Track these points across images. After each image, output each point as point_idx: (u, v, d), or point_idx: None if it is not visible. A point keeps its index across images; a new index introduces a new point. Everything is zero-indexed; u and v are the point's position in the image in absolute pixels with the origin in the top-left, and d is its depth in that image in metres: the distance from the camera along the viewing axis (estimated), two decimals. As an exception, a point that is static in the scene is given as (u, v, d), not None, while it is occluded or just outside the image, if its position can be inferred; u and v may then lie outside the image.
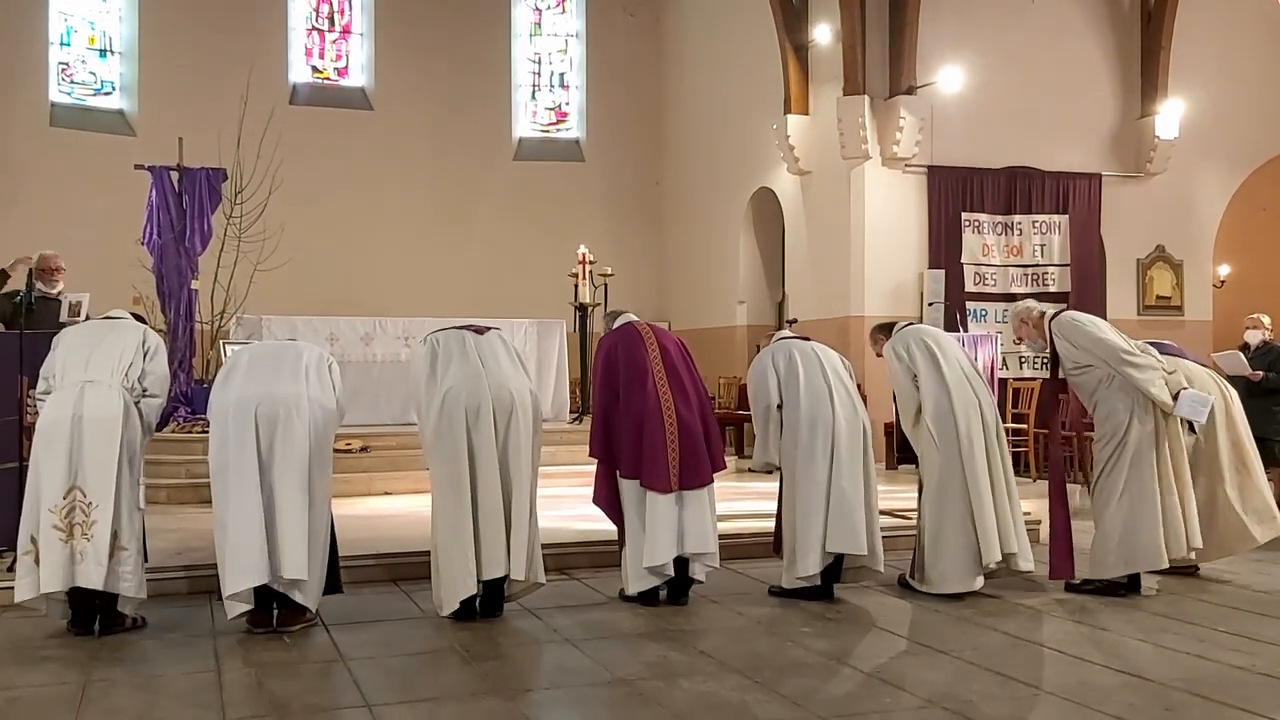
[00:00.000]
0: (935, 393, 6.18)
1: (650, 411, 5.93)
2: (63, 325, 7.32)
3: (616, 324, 6.31)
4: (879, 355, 6.68)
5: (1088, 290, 13.06)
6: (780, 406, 6.16)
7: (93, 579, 5.05)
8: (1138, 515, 6.08)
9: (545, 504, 6.26)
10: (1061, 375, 6.43)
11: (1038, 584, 6.42)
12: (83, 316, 7.52)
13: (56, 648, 5.03)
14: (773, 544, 6.42)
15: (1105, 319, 13.68)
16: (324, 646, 5.07)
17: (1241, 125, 13.68)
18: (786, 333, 6.96)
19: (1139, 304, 13.55)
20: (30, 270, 7.17)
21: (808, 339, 6.58)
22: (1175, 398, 6.10)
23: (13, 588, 5.53)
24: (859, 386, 12.83)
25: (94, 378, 5.28)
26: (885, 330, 6.72)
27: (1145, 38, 13.37)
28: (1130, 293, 13.53)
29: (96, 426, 5.17)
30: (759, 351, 6.60)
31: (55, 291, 7.81)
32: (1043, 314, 6.52)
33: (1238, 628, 5.44)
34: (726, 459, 11.97)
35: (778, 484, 6.29)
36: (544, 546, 5.85)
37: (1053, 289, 12.93)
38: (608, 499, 5.99)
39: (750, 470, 7.87)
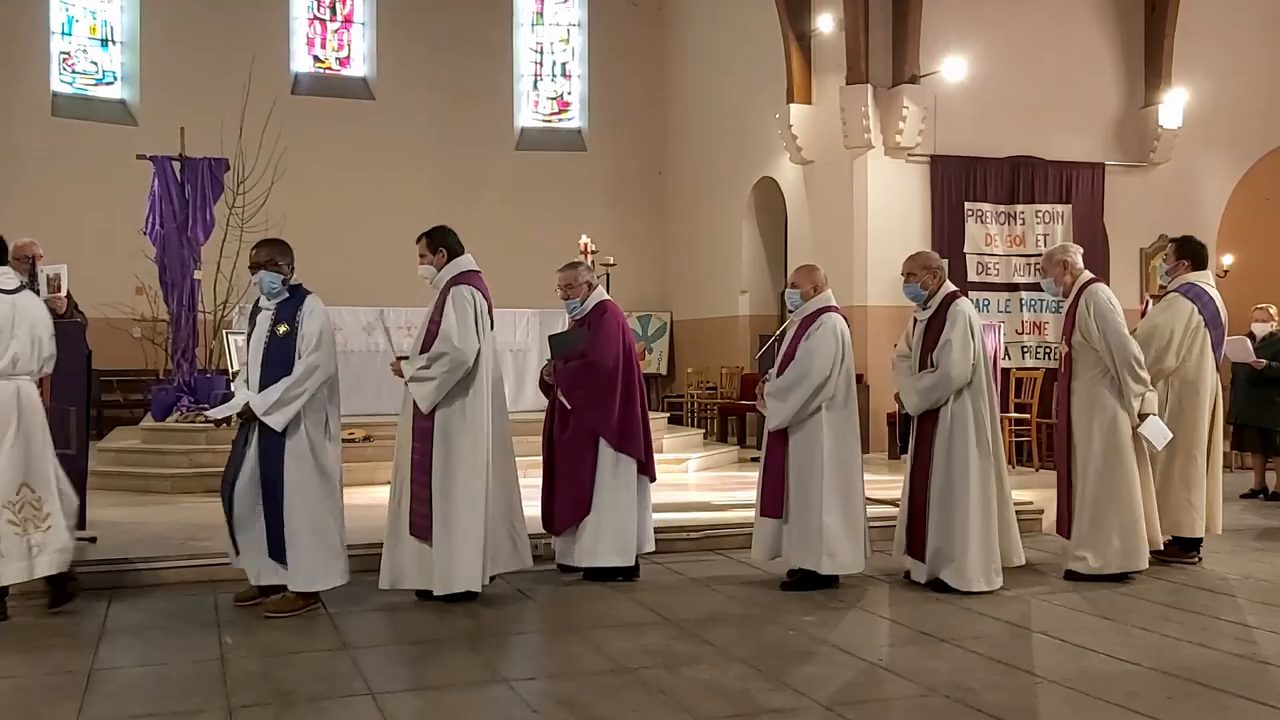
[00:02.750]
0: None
1: (642, 396, 6.32)
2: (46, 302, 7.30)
3: (598, 294, 6.47)
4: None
5: (1091, 280, 13.03)
6: None
7: (54, 565, 5.26)
8: (1136, 510, 6.18)
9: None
10: (1066, 345, 6.39)
11: (1040, 573, 6.42)
12: (63, 292, 7.42)
13: (61, 635, 5.04)
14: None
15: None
16: (328, 634, 5.09)
17: (1245, 115, 13.64)
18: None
19: (1142, 293, 13.52)
20: (33, 259, 7.11)
21: None
22: (1141, 417, 6.23)
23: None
24: (860, 376, 12.87)
25: (22, 369, 5.32)
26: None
27: (1149, 26, 13.33)
28: (1133, 282, 13.50)
29: (33, 422, 5.29)
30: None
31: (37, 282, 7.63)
32: (1079, 268, 6.43)
33: (1239, 617, 5.45)
34: (730, 448, 12.04)
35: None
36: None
37: (1055, 278, 12.89)
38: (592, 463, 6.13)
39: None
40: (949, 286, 6.04)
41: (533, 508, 6.15)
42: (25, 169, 14.52)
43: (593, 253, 12.77)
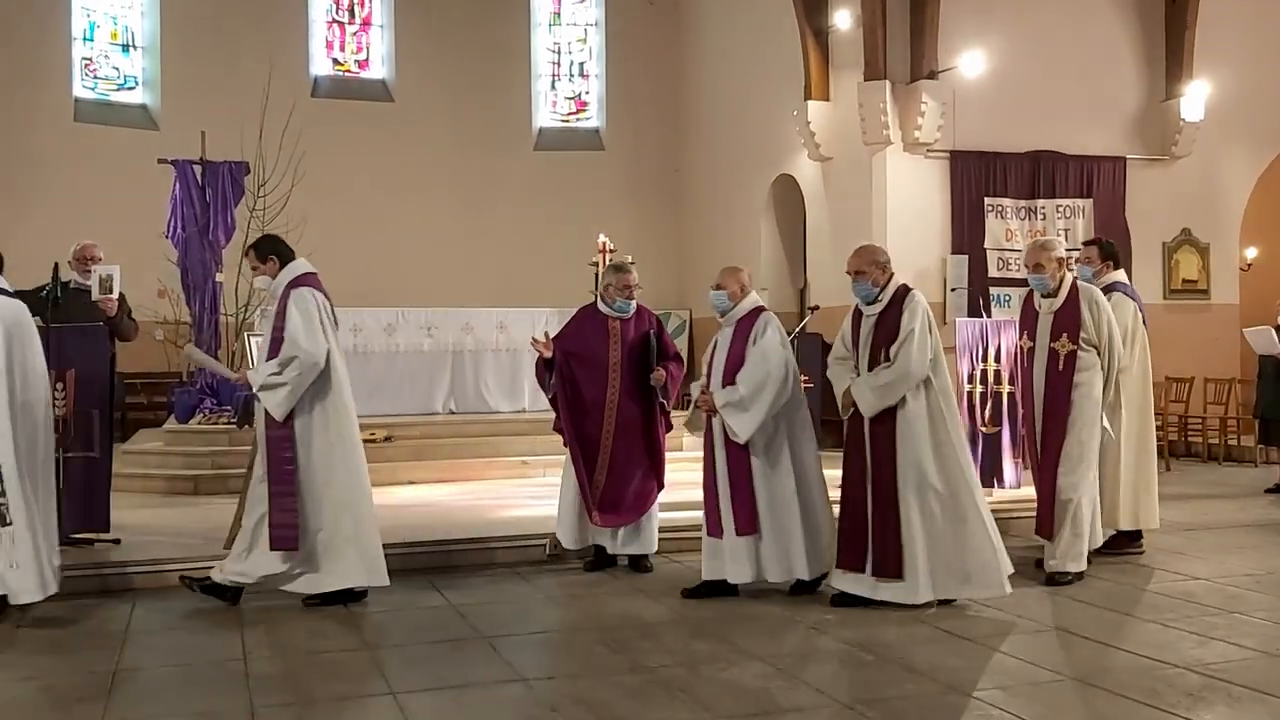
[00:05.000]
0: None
1: None
2: (95, 304, 7.36)
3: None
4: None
5: (1112, 274, 12.95)
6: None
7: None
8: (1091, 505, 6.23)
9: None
10: (1069, 343, 6.17)
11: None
12: (115, 293, 7.47)
13: (86, 637, 5.09)
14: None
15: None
16: (349, 634, 5.12)
17: (1268, 107, 13.50)
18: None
19: (1165, 288, 13.42)
20: (56, 264, 7.17)
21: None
22: None
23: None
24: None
25: None
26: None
27: (1170, 18, 13.21)
28: (1156, 276, 13.40)
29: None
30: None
31: (89, 283, 7.69)
32: (1065, 260, 6.35)
33: (1256, 612, 5.41)
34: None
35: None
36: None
37: (1075, 273, 12.81)
38: None
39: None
40: (898, 279, 5.72)
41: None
42: (48, 174, 14.64)
43: (611, 251, 12.77)
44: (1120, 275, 7.19)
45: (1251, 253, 15.22)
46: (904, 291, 5.60)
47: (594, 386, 6.36)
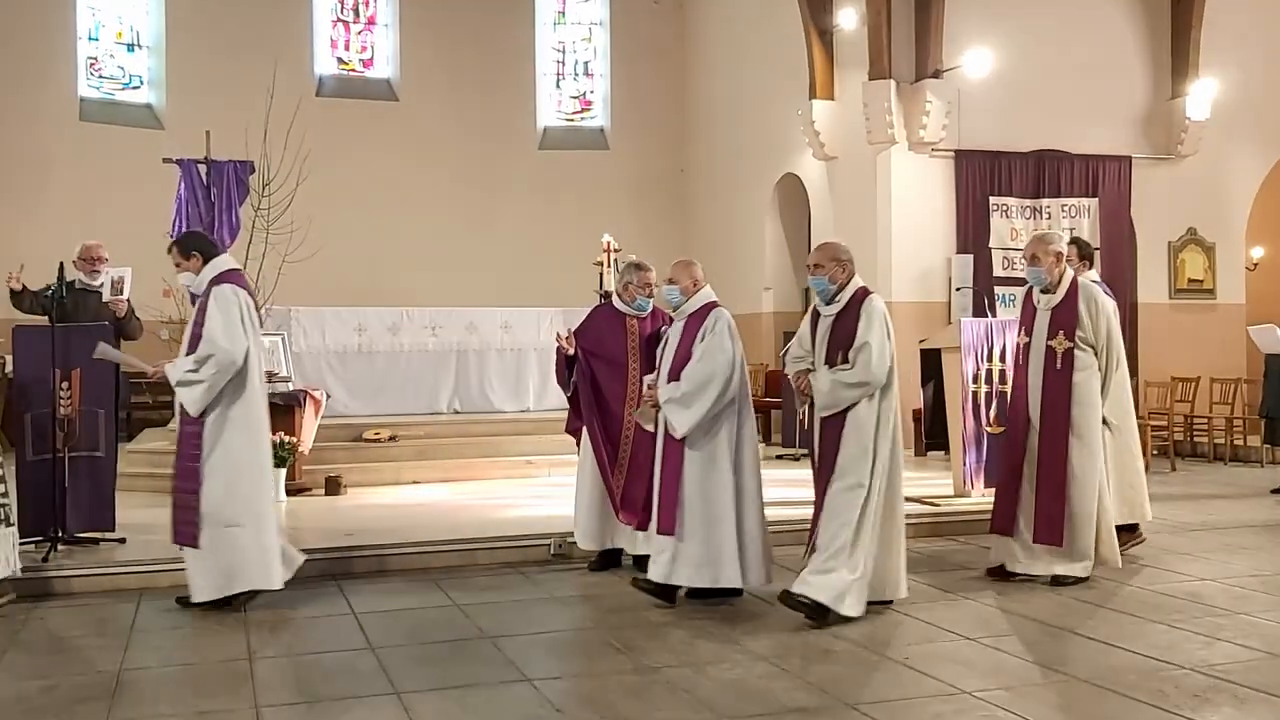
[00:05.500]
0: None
1: None
2: (105, 306, 7.38)
3: None
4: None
5: (1118, 274, 12.92)
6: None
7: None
8: (1108, 508, 6.20)
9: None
10: (1065, 341, 6.07)
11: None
12: (125, 294, 7.48)
13: (91, 636, 5.09)
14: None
15: (1137, 302, 13.66)
16: (353, 635, 5.12)
17: (1275, 106, 13.47)
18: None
19: (1170, 287, 13.41)
20: (61, 264, 7.18)
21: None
22: None
23: (48, 578, 5.62)
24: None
25: None
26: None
27: (1176, 17, 13.18)
28: (1162, 276, 13.38)
29: None
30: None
31: (98, 283, 7.62)
32: (1064, 256, 6.24)
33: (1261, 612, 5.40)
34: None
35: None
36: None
37: (1082, 272, 12.81)
38: None
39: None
40: (859, 281, 5.52)
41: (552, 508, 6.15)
42: (53, 173, 14.67)
43: (616, 251, 12.75)
44: (1094, 274, 7.20)
45: (1258, 252, 15.19)
46: (863, 295, 5.42)
47: (615, 384, 6.32)
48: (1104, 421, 6.16)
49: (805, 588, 5.15)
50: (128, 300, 7.45)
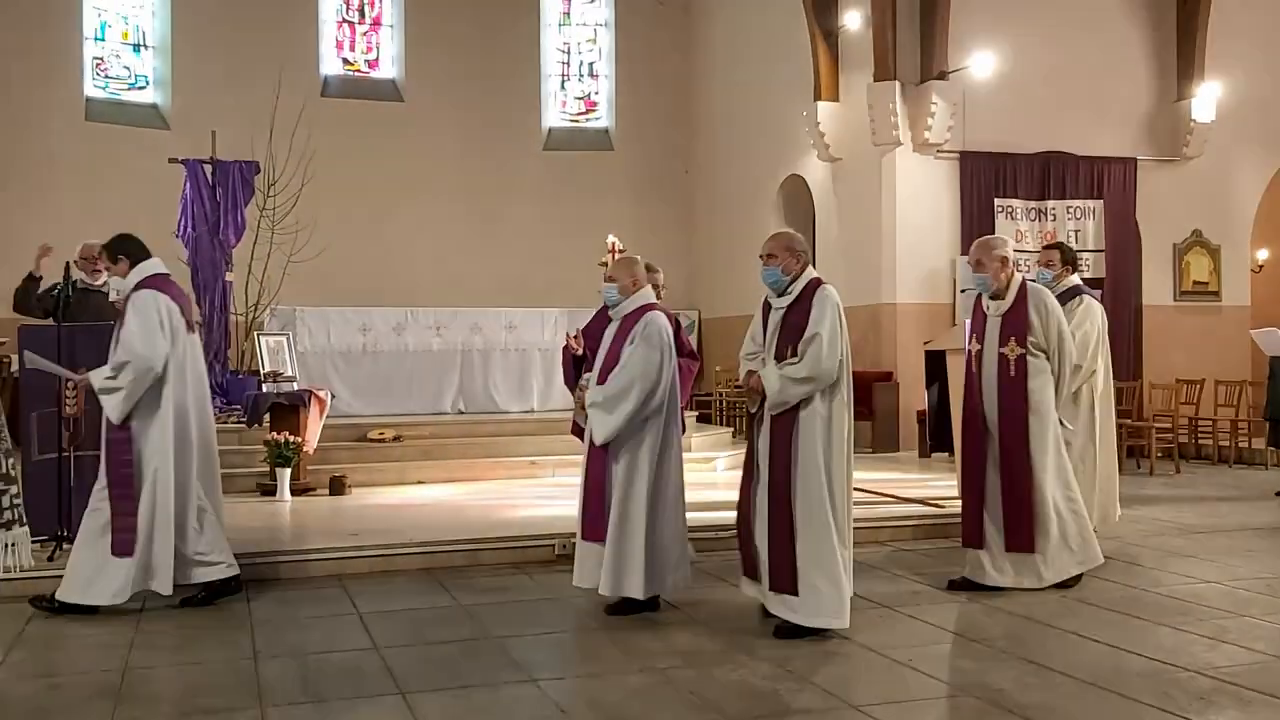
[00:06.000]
0: None
1: None
2: (109, 305, 7.37)
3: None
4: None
5: (1123, 276, 12.92)
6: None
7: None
8: (1080, 509, 6.02)
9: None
10: (1017, 347, 5.87)
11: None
12: None
13: (96, 635, 5.10)
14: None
15: (1142, 305, 13.63)
16: (358, 635, 5.12)
17: (1280, 108, 13.48)
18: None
19: (1175, 289, 13.40)
20: (69, 263, 7.18)
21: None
22: None
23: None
24: (889, 375, 12.78)
25: None
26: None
27: (1181, 19, 13.19)
28: (1167, 278, 13.38)
29: None
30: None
31: (99, 283, 7.55)
32: (1010, 260, 6.00)
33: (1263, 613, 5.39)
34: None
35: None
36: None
37: (1088, 275, 12.76)
38: None
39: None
40: (812, 272, 5.32)
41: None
42: (59, 173, 14.70)
43: (620, 252, 12.77)
44: (1077, 279, 7.17)
45: (1263, 254, 15.16)
46: (814, 285, 5.23)
47: None
48: (1060, 423, 6.02)
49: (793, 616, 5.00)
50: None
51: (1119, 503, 7.25)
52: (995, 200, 12.61)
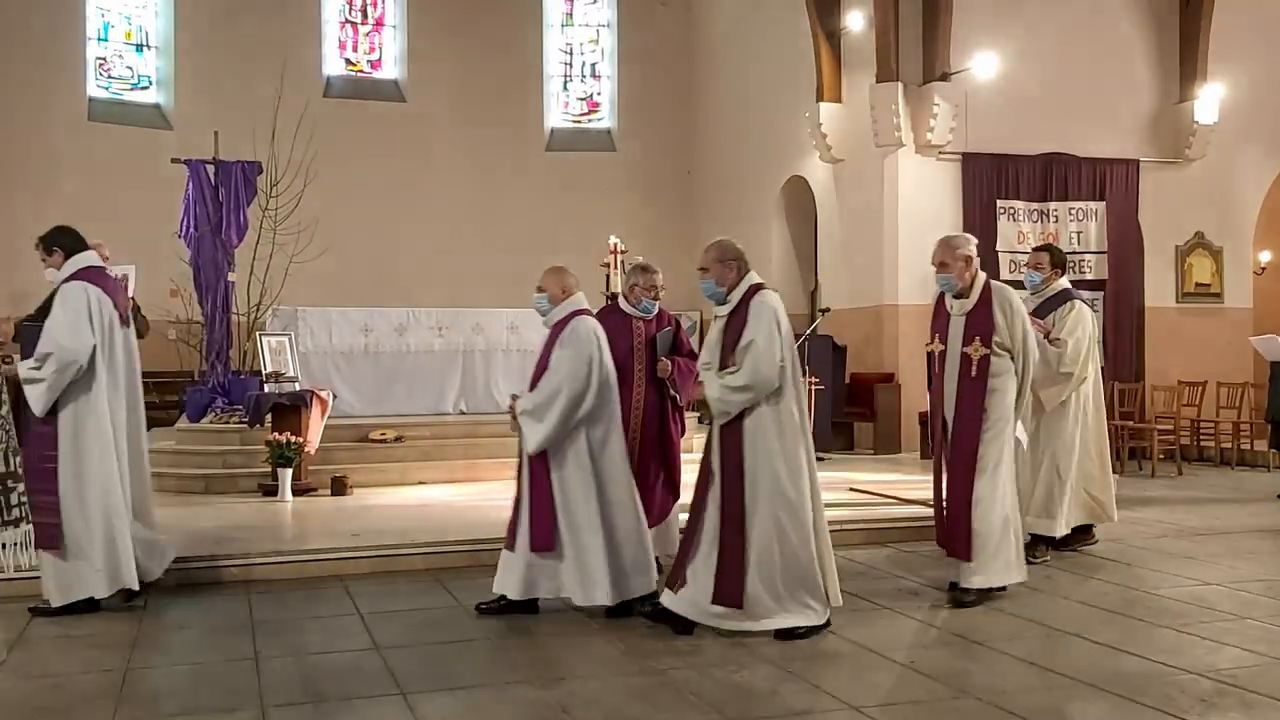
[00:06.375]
0: None
1: None
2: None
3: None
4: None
5: (1125, 277, 12.91)
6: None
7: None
8: (1017, 513, 5.87)
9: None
10: (981, 347, 5.70)
11: (1075, 574, 6.37)
12: (129, 292, 7.47)
13: (97, 636, 5.10)
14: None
15: (1144, 306, 13.61)
16: (359, 635, 5.12)
17: (1283, 110, 13.46)
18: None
19: (1178, 291, 13.38)
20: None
21: None
22: None
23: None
24: (890, 376, 12.74)
25: None
26: None
27: (1184, 21, 13.18)
28: (1169, 280, 13.36)
29: None
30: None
31: None
32: (974, 259, 5.83)
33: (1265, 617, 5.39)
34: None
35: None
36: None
37: (1090, 276, 12.79)
38: None
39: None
40: (753, 279, 5.22)
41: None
42: (62, 173, 14.71)
43: (622, 253, 12.78)
44: (1065, 282, 7.06)
45: (1265, 256, 15.15)
46: (752, 293, 5.15)
47: (621, 387, 6.29)
48: (1020, 429, 5.88)
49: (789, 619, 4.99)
50: (132, 299, 7.45)
51: (1115, 504, 7.12)
52: (997, 202, 12.60)
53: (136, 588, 5.47)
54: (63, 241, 5.61)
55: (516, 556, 5.34)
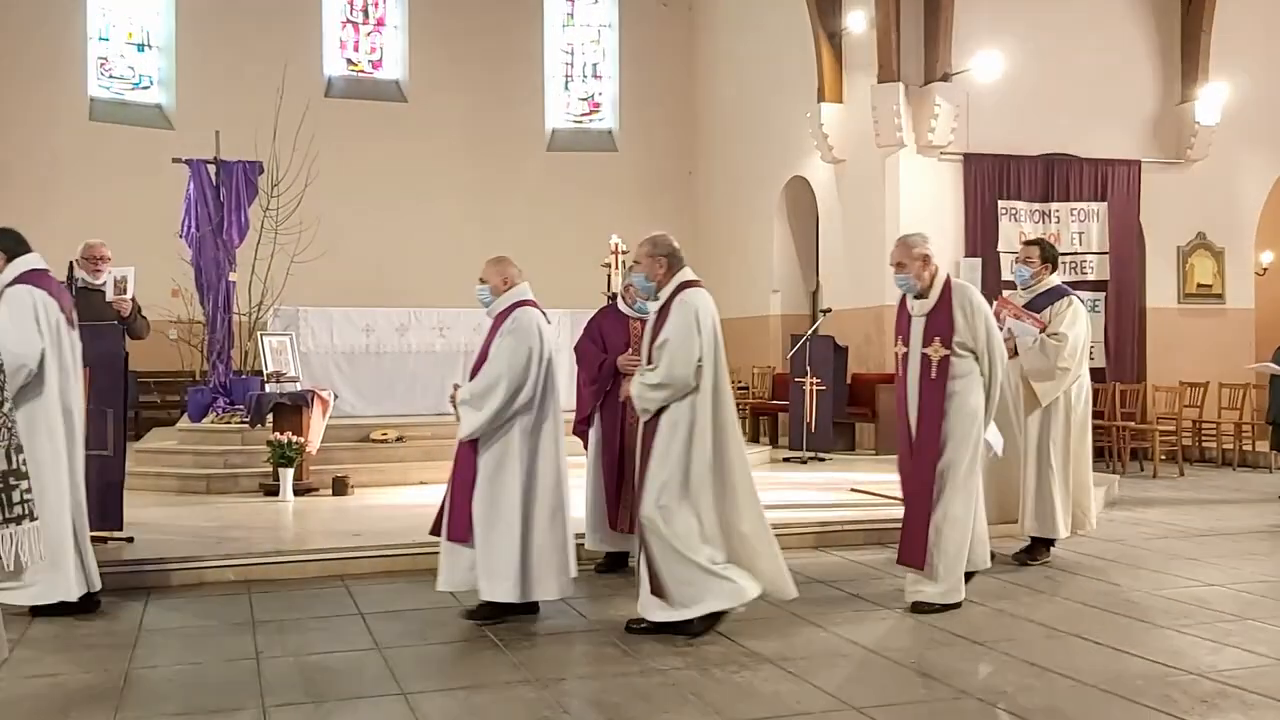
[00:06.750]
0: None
1: None
2: (108, 305, 7.38)
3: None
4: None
5: (1127, 278, 12.91)
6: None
7: None
8: (978, 517, 5.76)
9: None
10: (941, 348, 5.58)
11: (1075, 574, 6.37)
12: (129, 294, 7.47)
13: (98, 635, 5.10)
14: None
15: (1146, 308, 13.61)
16: (360, 635, 5.12)
17: (1284, 110, 13.45)
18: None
19: (1179, 292, 13.38)
20: (72, 262, 7.20)
21: None
22: None
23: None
24: (893, 375, 12.73)
25: None
26: None
27: (1186, 21, 13.18)
28: (1170, 281, 13.36)
29: None
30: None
31: (99, 282, 7.54)
32: (931, 258, 5.71)
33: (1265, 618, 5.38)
34: (762, 448, 11.91)
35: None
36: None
37: (1091, 277, 12.80)
38: None
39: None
40: (686, 275, 5.13)
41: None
42: (63, 172, 14.73)
43: (623, 253, 12.78)
44: (1058, 279, 6.94)
45: (1267, 257, 15.15)
46: (678, 290, 5.08)
47: (620, 387, 6.29)
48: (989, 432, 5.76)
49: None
50: (132, 299, 7.45)
51: (1092, 510, 6.94)
52: (999, 202, 12.60)
53: (99, 586, 5.44)
54: (6, 243, 5.46)
55: (442, 543, 5.31)
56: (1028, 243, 7.17)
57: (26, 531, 5.31)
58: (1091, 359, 12.48)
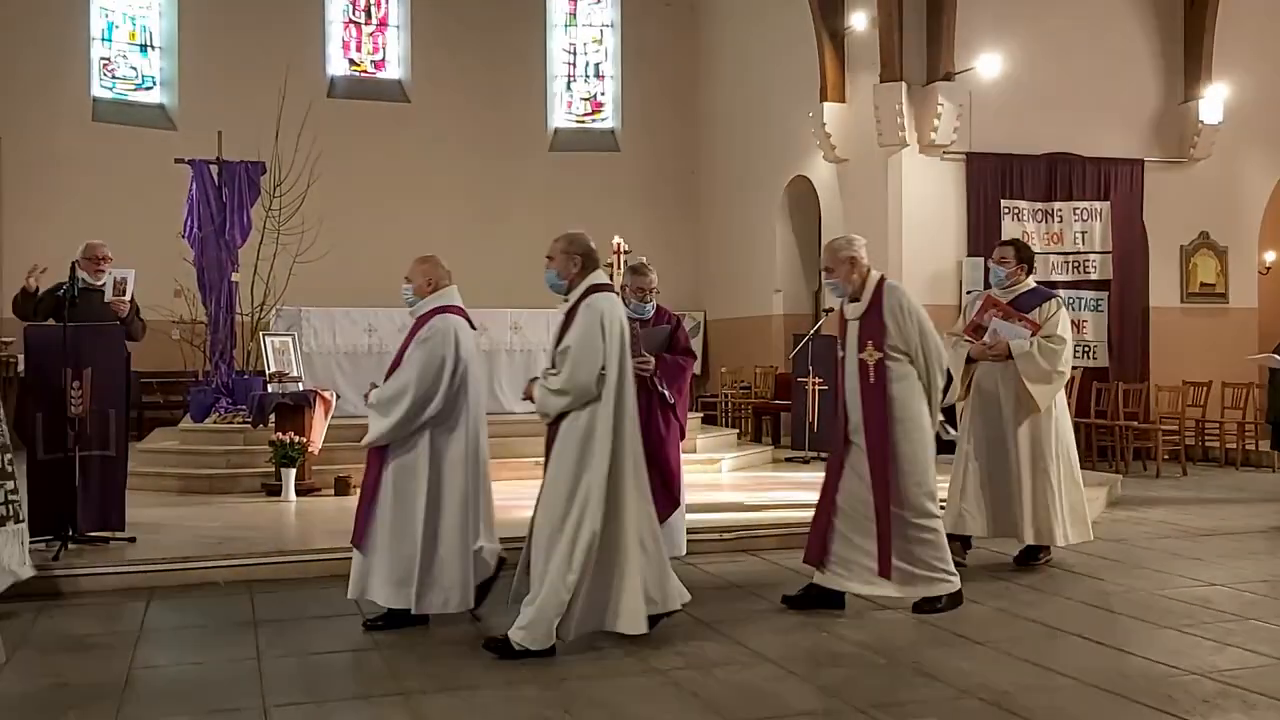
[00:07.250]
0: None
1: None
2: (107, 306, 7.38)
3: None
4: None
5: (1130, 277, 12.89)
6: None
7: None
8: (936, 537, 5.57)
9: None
10: (875, 351, 5.49)
11: (1077, 574, 6.36)
12: (128, 296, 7.48)
13: (100, 635, 5.11)
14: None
15: (1149, 307, 13.59)
16: (361, 636, 5.12)
17: (1288, 109, 13.43)
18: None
19: (1183, 291, 13.36)
20: (74, 263, 7.19)
21: None
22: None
23: (58, 577, 5.64)
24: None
25: None
26: None
27: (1189, 20, 13.15)
28: (1174, 280, 13.34)
29: None
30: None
31: (100, 283, 7.47)
32: (867, 265, 5.60)
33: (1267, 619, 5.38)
34: (764, 448, 11.91)
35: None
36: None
37: (1094, 276, 12.79)
38: None
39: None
40: (597, 278, 4.97)
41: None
42: (66, 173, 14.74)
43: (626, 253, 12.78)
44: (1033, 281, 6.84)
45: (1270, 256, 15.13)
46: (585, 294, 4.92)
47: None
48: (945, 429, 5.71)
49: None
50: (130, 301, 7.45)
51: (1089, 520, 6.81)
52: (1001, 202, 12.59)
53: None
54: None
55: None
56: (1003, 243, 7.01)
57: (14, 533, 5.32)
58: (1094, 358, 12.69)
